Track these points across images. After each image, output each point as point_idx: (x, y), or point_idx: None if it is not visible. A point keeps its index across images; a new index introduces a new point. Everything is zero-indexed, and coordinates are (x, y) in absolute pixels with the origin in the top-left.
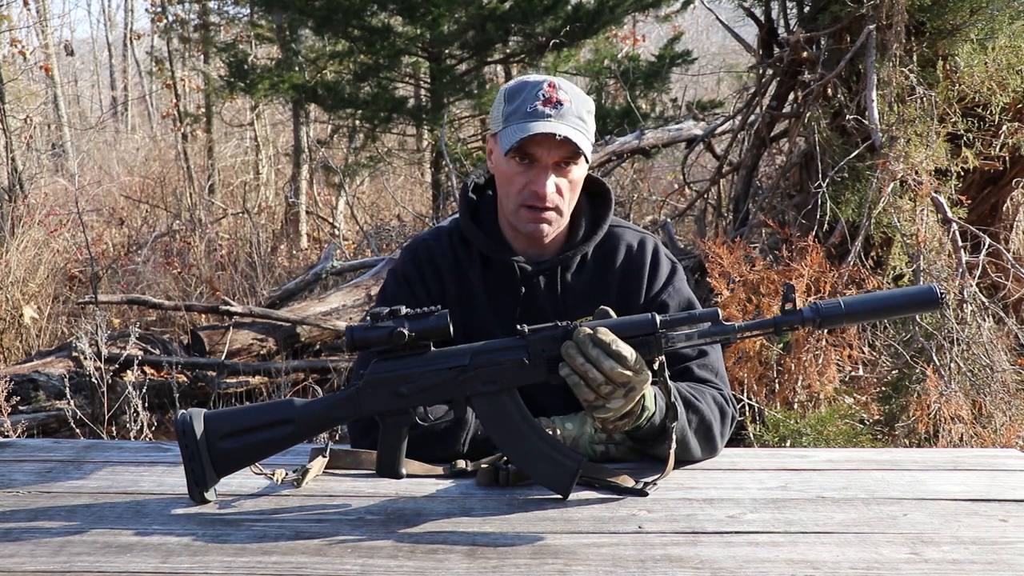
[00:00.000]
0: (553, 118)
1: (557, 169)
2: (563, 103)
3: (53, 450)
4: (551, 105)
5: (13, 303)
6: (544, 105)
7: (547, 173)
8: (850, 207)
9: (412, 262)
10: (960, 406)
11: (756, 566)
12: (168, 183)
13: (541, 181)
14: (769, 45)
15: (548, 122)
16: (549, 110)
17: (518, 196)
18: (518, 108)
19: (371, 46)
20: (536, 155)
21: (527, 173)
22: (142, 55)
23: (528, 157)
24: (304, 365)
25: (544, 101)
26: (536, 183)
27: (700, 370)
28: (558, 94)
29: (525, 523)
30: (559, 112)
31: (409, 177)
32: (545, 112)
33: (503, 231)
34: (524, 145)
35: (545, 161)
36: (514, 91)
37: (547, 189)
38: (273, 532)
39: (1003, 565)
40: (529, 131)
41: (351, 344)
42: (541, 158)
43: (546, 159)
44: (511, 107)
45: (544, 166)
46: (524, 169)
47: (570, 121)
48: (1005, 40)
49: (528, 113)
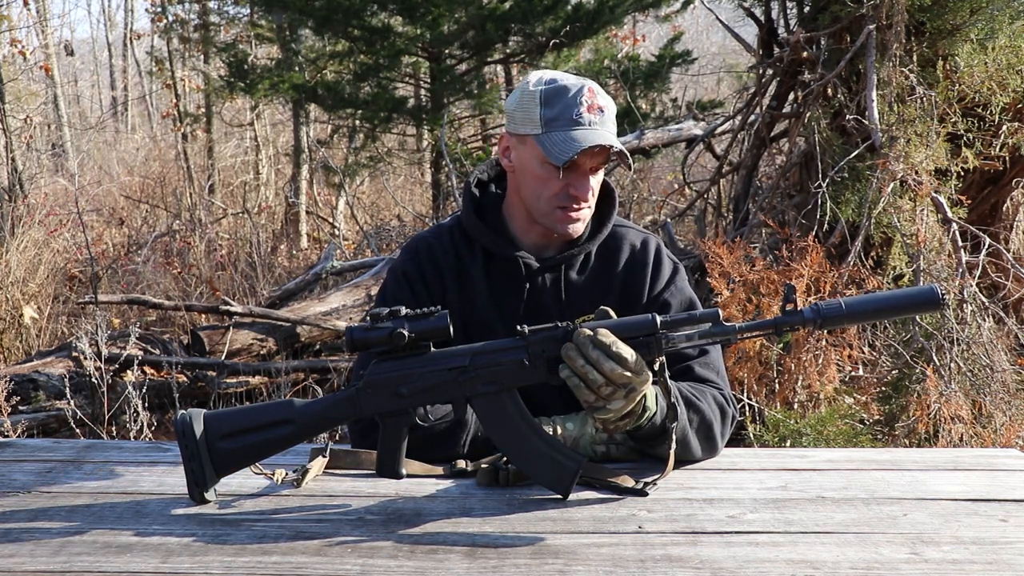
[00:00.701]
0: (598, 126)
1: (592, 171)
2: (604, 110)
3: (53, 450)
4: (595, 112)
5: (13, 303)
6: (589, 112)
7: (587, 177)
8: (850, 207)
9: (412, 260)
10: (960, 406)
11: (756, 566)
12: (168, 183)
13: (584, 186)
14: (769, 45)
15: (596, 131)
16: (595, 117)
17: (554, 199)
18: (561, 115)
19: (371, 46)
20: (580, 162)
21: (566, 177)
22: (142, 55)
23: (571, 163)
24: (304, 365)
25: (588, 107)
26: (577, 187)
27: (701, 369)
28: (599, 100)
29: (525, 523)
30: (602, 119)
31: (409, 177)
32: (592, 119)
33: (509, 227)
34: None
35: (586, 167)
36: (552, 95)
37: (588, 192)
38: (273, 532)
39: (1003, 565)
40: (584, 142)
41: (351, 345)
42: (583, 164)
43: (587, 165)
44: (551, 112)
45: (584, 171)
46: (564, 174)
47: (610, 127)
48: (1005, 40)
49: (574, 120)
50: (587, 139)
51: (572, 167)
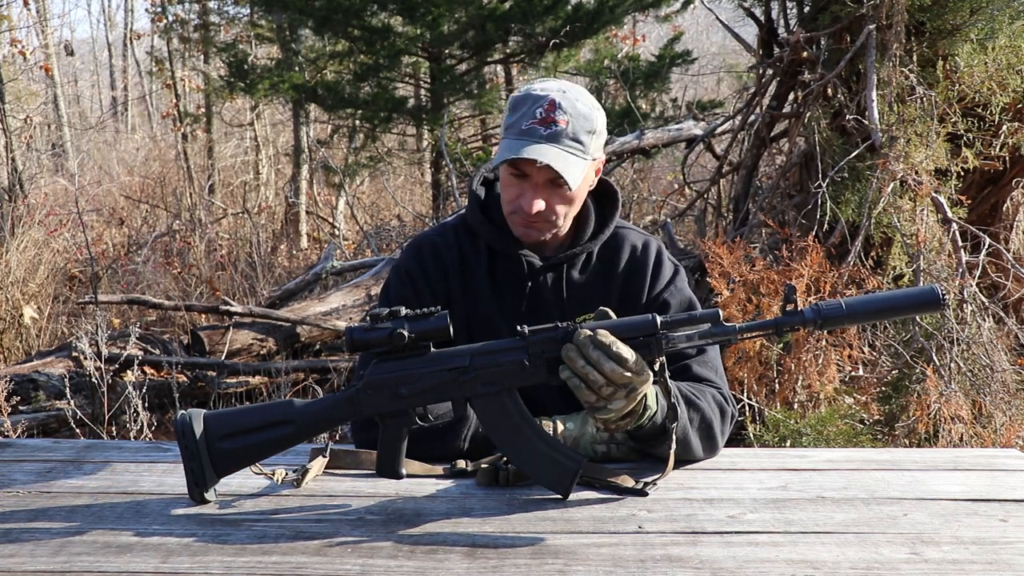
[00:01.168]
0: (544, 140)
1: (550, 186)
2: (558, 124)
3: (53, 450)
4: (546, 125)
5: (13, 303)
6: (539, 124)
7: (536, 192)
8: (850, 207)
9: (416, 258)
10: (960, 406)
11: (756, 566)
12: (168, 183)
13: (528, 199)
14: (769, 45)
15: (538, 145)
16: (543, 130)
17: (510, 204)
18: (516, 122)
19: (371, 46)
20: (527, 172)
21: (520, 185)
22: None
23: (520, 171)
24: (304, 365)
25: (541, 120)
26: (524, 199)
27: (699, 368)
28: (555, 114)
29: (525, 523)
30: (552, 133)
31: (409, 177)
32: (538, 132)
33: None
34: (514, 162)
35: (535, 179)
36: (518, 102)
37: (533, 208)
38: (273, 532)
39: (1003, 565)
40: (514, 153)
41: (351, 345)
42: (532, 176)
43: (536, 177)
44: (511, 118)
45: (534, 184)
46: (517, 181)
47: (563, 143)
48: (1005, 40)
49: (522, 131)
50: (521, 150)
51: (524, 176)
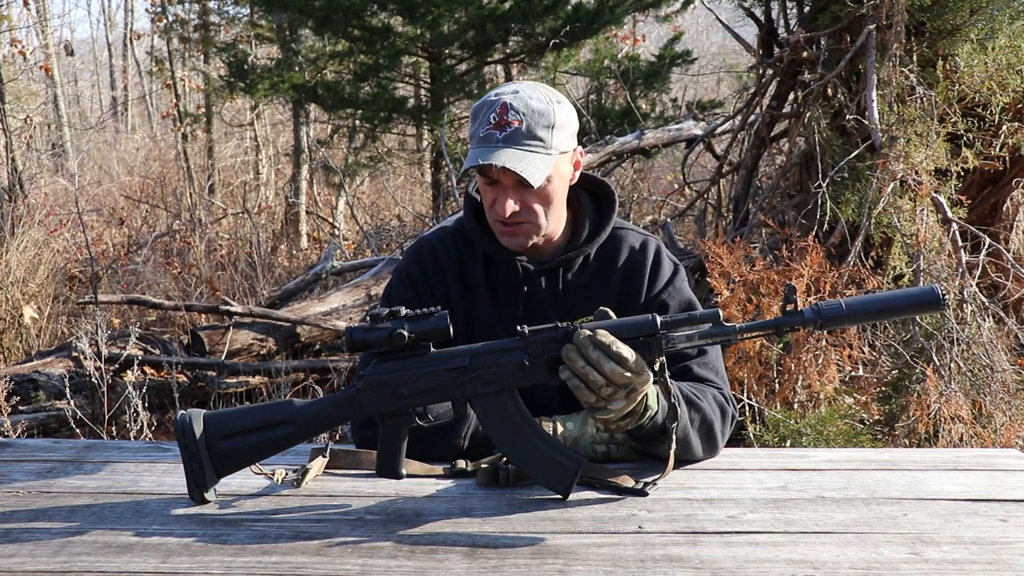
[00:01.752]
0: (501, 144)
1: (520, 188)
2: (512, 125)
3: (53, 450)
4: (500, 128)
5: (13, 303)
6: (494, 128)
7: (507, 194)
8: (850, 207)
9: (416, 262)
10: (960, 406)
11: (756, 566)
12: (168, 183)
13: (501, 202)
14: (769, 45)
15: (495, 150)
16: (498, 134)
17: (490, 212)
18: (475, 131)
19: (371, 46)
20: (494, 177)
21: (493, 191)
22: (142, 55)
23: (489, 178)
24: (304, 365)
25: (494, 124)
26: (498, 203)
27: (700, 369)
28: (508, 116)
29: (525, 523)
30: (508, 135)
31: (409, 177)
32: (494, 136)
33: None
34: (482, 168)
35: (504, 183)
36: (475, 111)
37: (506, 211)
38: (273, 532)
39: (1003, 565)
40: (472, 162)
41: (351, 346)
42: (500, 179)
43: (504, 180)
44: (472, 128)
45: (504, 188)
46: (490, 188)
47: (521, 144)
48: (1005, 40)
49: (480, 138)
50: (479, 157)
51: (495, 183)
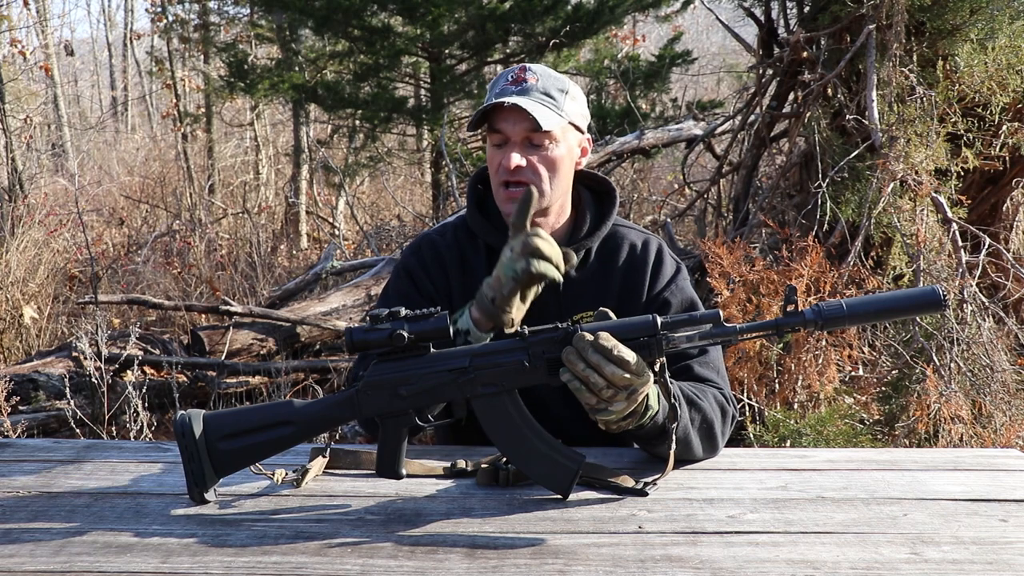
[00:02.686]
0: (515, 94)
1: (528, 146)
2: (527, 81)
3: (53, 450)
4: (516, 84)
5: (13, 303)
6: (510, 84)
7: (514, 148)
8: (850, 207)
9: (415, 256)
10: (960, 406)
11: (756, 566)
12: (168, 183)
13: (507, 155)
14: (769, 45)
15: (508, 98)
16: (514, 88)
17: (496, 176)
18: (491, 93)
19: (371, 46)
20: (504, 131)
21: (501, 152)
22: (142, 55)
23: (498, 134)
24: (304, 365)
25: (511, 81)
26: (504, 158)
27: (700, 368)
28: (525, 75)
29: (525, 523)
30: (522, 88)
31: (409, 177)
32: (509, 90)
33: None
34: (491, 122)
35: (513, 137)
36: (496, 80)
37: (512, 163)
38: (273, 532)
39: (1003, 565)
40: (485, 106)
41: (350, 346)
42: (509, 134)
43: (513, 134)
44: (489, 94)
45: (513, 141)
46: (498, 150)
47: (534, 96)
48: (1005, 40)
49: (496, 95)
50: (490, 101)
51: (504, 141)
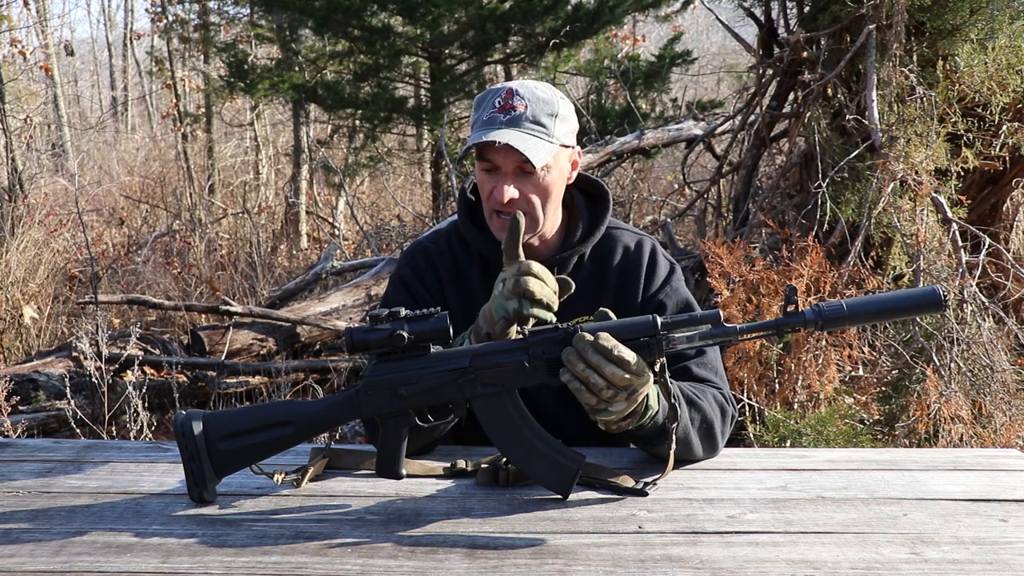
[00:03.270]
0: (504, 126)
1: (520, 176)
2: (516, 109)
3: (53, 450)
4: (504, 112)
5: (13, 303)
6: (498, 112)
7: (506, 180)
8: (850, 207)
9: (409, 265)
10: (960, 406)
11: (756, 566)
12: (168, 183)
13: (500, 188)
14: (769, 45)
15: (498, 130)
16: (502, 117)
17: (488, 203)
18: (478, 118)
19: (371, 46)
20: (495, 162)
21: (492, 179)
22: (142, 55)
23: (489, 163)
24: (304, 365)
25: (499, 108)
26: (496, 190)
27: (699, 369)
28: (513, 101)
29: (525, 523)
30: (512, 118)
31: (409, 177)
32: (498, 119)
33: None
34: (482, 152)
35: (504, 168)
36: (479, 100)
37: (504, 196)
38: (273, 532)
39: (1003, 565)
40: (475, 140)
41: (350, 346)
42: (500, 165)
43: (504, 166)
44: (475, 116)
45: (504, 173)
46: (489, 176)
47: (524, 127)
48: (1005, 40)
49: (484, 122)
50: (482, 137)
51: (494, 170)
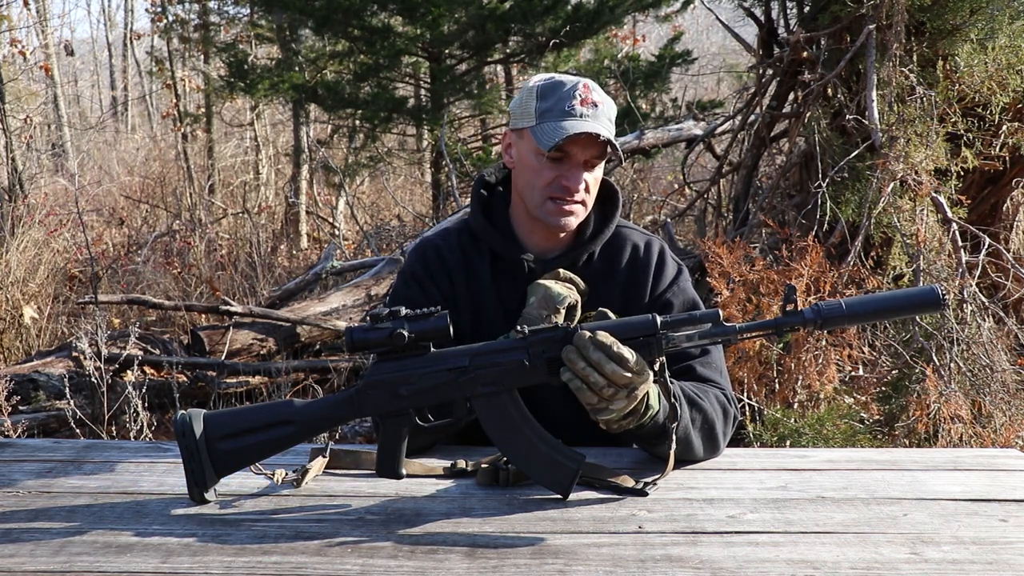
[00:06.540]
0: (590, 118)
1: (586, 165)
2: (598, 104)
3: (53, 450)
4: (588, 105)
5: (13, 303)
6: (582, 105)
7: (580, 169)
8: (850, 207)
9: (420, 261)
10: (960, 406)
11: (756, 566)
12: (168, 183)
13: (575, 176)
14: (769, 45)
15: (586, 122)
16: (587, 110)
17: (546, 189)
18: (554, 106)
19: (371, 46)
20: (571, 152)
21: (558, 168)
22: (142, 55)
23: (563, 153)
24: (304, 365)
25: (581, 101)
26: (568, 178)
27: (703, 369)
28: (593, 95)
29: (525, 523)
30: (595, 113)
31: (409, 177)
32: (584, 112)
33: (515, 227)
34: (564, 142)
35: (578, 158)
36: (548, 89)
37: (580, 184)
38: (273, 532)
39: (1003, 565)
40: (571, 130)
41: (351, 346)
42: (575, 155)
43: (579, 156)
44: (546, 104)
45: (577, 162)
46: (555, 165)
47: (602, 123)
48: (1005, 40)
49: (566, 112)
50: (575, 127)
51: (565, 158)
